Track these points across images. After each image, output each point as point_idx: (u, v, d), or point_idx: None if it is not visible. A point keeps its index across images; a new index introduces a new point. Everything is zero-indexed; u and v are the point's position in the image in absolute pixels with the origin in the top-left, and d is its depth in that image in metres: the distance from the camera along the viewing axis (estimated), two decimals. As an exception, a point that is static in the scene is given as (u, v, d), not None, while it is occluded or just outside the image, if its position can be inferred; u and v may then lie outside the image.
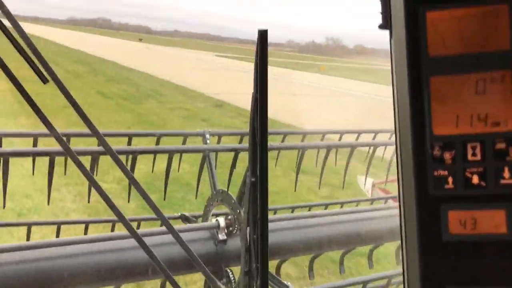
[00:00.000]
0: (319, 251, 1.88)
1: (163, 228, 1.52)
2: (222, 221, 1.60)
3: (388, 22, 0.55)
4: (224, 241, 1.59)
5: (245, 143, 2.18)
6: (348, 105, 17.45)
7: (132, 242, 1.31)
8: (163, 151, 1.92)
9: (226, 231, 1.59)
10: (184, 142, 2.44)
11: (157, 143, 2.34)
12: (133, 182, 0.75)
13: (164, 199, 2.19)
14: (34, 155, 1.62)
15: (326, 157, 2.60)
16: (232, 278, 1.59)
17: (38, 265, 1.22)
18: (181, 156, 2.01)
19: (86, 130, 0.69)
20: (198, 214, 2.16)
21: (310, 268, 2.04)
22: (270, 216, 1.74)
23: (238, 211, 1.59)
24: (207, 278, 0.89)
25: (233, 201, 1.63)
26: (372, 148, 2.95)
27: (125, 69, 28.46)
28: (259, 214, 0.70)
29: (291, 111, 13.08)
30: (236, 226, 1.59)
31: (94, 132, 0.68)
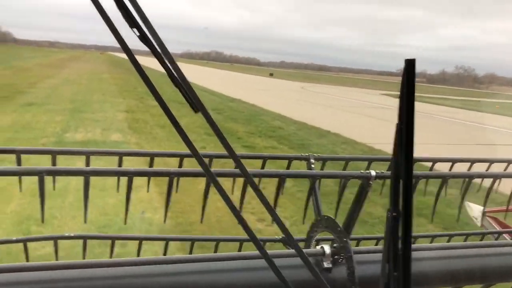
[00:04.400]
0: (464, 283, 1.73)
1: (278, 252, 1.53)
2: (327, 248, 1.54)
3: None
4: (329, 269, 1.53)
5: (349, 170, 2.12)
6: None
7: (246, 262, 1.34)
8: (270, 175, 1.95)
9: (331, 259, 1.54)
10: (288, 166, 2.45)
11: (262, 166, 2.39)
12: (265, 203, 0.76)
13: (272, 222, 2.17)
14: (151, 175, 1.73)
15: (441, 187, 2.42)
16: None
17: (171, 279, 1.30)
18: (284, 180, 2.02)
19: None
20: (298, 238, 2.14)
21: None
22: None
23: (345, 239, 1.52)
24: None
25: (339, 229, 1.58)
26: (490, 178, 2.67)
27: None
28: (401, 251, 0.67)
29: None
30: (342, 255, 1.53)
31: (231, 154, 0.70)
